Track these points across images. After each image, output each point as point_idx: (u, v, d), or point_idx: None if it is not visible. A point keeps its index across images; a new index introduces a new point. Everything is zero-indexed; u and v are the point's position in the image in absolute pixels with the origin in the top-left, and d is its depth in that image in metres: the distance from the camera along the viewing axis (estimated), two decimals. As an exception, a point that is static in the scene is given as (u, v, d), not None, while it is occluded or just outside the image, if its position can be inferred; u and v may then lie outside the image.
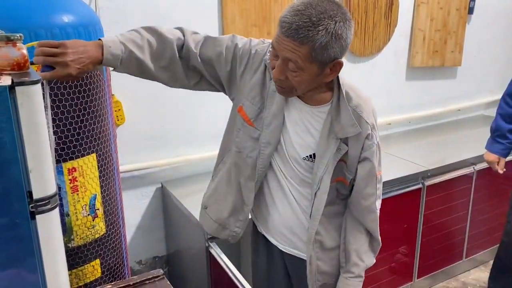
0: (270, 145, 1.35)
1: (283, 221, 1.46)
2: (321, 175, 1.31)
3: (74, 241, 1.51)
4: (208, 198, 1.57)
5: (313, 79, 1.18)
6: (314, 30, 1.07)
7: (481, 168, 2.67)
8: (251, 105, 1.34)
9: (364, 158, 1.32)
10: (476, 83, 3.50)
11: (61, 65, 1.08)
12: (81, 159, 1.48)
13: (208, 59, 1.32)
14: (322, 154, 1.30)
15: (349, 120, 1.25)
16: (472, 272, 2.92)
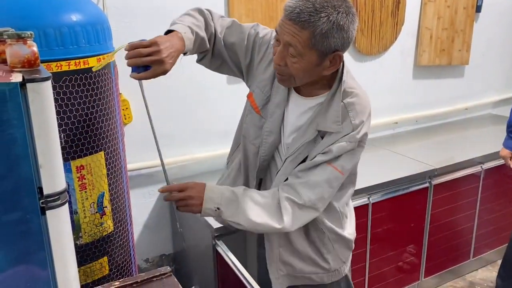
0: (272, 134, 1.35)
1: None
2: (286, 157, 1.31)
3: (82, 239, 1.52)
4: (220, 184, 1.56)
5: (311, 69, 1.18)
6: (316, 16, 1.09)
7: (489, 167, 2.65)
8: (261, 93, 1.36)
9: (327, 150, 1.25)
10: (484, 81, 3.48)
11: (157, 63, 1.13)
12: (89, 157, 1.49)
13: (231, 44, 1.35)
14: (297, 139, 1.30)
15: (335, 116, 1.24)
16: (479, 272, 2.91)
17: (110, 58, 1.32)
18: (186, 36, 1.21)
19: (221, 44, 1.35)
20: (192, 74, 2.26)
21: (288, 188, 1.28)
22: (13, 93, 0.68)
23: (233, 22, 1.37)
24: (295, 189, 1.26)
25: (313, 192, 1.26)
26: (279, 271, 1.45)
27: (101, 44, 1.49)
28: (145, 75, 1.15)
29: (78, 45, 1.40)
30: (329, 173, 1.26)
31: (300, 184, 1.26)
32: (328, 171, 1.26)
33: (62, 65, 1.37)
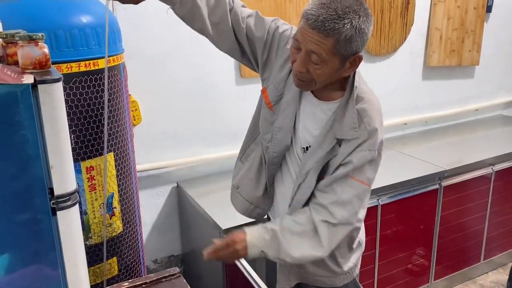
0: (282, 131, 1.35)
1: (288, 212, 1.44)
2: (309, 169, 1.30)
3: (92, 239, 1.53)
4: (240, 178, 1.53)
5: (333, 73, 1.19)
6: (340, 23, 1.09)
7: (500, 168, 2.62)
8: (275, 89, 1.35)
9: (348, 161, 1.25)
10: (494, 82, 3.44)
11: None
12: (99, 158, 1.50)
13: (252, 36, 1.34)
14: (315, 149, 1.29)
15: (351, 123, 1.24)
16: (490, 275, 2.87)
17: None
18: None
19: (243, 33, 1.33)
20: (200, 76, 2.27)
21: (321, 209, 1.28)
22: (24, 95, 0.68)
23: (256, 13, 1.35)
24: (328, 209, 1.27)
25: (346, 209, 1.26)
26: (290, 271, 1.46)
27: (111, 46, 1.50)
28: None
29: (88, 46, 1.41)
30: (357, 188, 1.27)
31: (331, 204, 1.26)
32: (356, 186, 1.26)
33: (72, 67, 1.38)
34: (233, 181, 1.58)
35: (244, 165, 1.54)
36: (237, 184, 1.55)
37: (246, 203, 1.52)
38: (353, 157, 1.24)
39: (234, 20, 1.32)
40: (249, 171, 1.51)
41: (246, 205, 1.52)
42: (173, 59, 2.19)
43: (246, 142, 1.54)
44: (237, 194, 1.55)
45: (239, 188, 1.54)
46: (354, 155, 1.24)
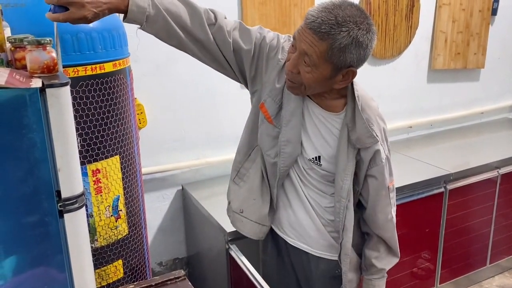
0: (290, 143, 1.33)
1: (297, 222, 1.46)
2: (348, 187, 1.32)
3: (98, 242, 1.54)
4: (242, 201, 1.49)
5: (323, 81, 1.18)
6: (337, 30, 1.08)
7: (506, 172, 2.61)
8: (273, 102, 1.32)
9: (371, 175, 1.33)
10: (500, 85, 3.43)
11: (76, 6, 0.99)
12: (105, 161, 1.51)
13: (239, 49, 1.28)
14: (344, 167, 1.30)
15: (366, 131, 1.25)
16: (496, 279, 2.86)
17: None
18: (134, 1, 1.09)
19: (229, 48, 1.27)
20: (205, 79, 2.28)
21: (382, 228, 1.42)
22: (33, 98, 0.69)
23: (240, 25, 1.30)
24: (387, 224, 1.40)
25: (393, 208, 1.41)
26: None
27: (117, 50, 1.51)
28: (57, 16, 0.99)
29: (95, 50, 1.42)
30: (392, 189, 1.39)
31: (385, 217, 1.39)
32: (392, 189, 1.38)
33: (79, 70, 1.39)
34: (232, 206, 1.54)
35: (240, 186, 1.50)
36: (240, 208, 1.50)
37: (255, 225, 1.49)
38: (375, 173, 1.32)
39: (218, 35, 1.25)
40: (251, 191, 1.47)
41: (255, 228, 1.49)
42: (178, 63, 2.20)
43: (238, 161, 1.50)
44: (242, 219, 1.50)
45: (244, 211, 1.49)
46: (375, 170, 1.32)
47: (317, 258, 1.48)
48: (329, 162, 1.34)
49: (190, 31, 1.22)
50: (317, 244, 1.46)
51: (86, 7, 1.00)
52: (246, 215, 1.49)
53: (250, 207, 1.48)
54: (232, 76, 1.37)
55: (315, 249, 1.47)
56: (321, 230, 1.44)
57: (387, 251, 1.45)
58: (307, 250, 1.48)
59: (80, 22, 1.04)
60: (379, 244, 1.43)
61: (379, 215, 1.38)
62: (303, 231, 1.46)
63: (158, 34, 1.21)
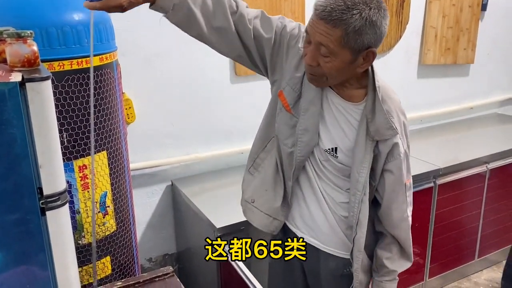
0: (308, 132, 1.31)
1: (310, 216, 1.45)
2: (364, 180, 1.29)
3: (85, 238, 1.52)
4: (254, 190, 1.48)
5: (345, 67, 1.16)
6: (348, 14, 1.06)
7: (495, 166, 2.63)
8: (292, 91, 1.31)
9: (388, 169, 1.30)
10: (489, 80, 3.45)
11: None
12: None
13: (259, 38, 1.28)
14: (362, 159, 1.28)
15: (385, 123, 1.23)
16: (484, 272, 2.89)
17: None
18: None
19: (250, 36, 1.27)
20: (195, 74, 2.26)
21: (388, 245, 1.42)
22: (12, 93, 0.67)
23: (262, 13, 1.30)
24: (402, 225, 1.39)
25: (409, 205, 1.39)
26: None
27: (104, 43, 1.49)
28: (96, 4, 1.06)
29: (81, 44, 1.39)
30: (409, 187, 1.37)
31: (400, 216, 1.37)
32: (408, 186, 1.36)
33: (65, 65, 1.37)
34: (244, 195, 1.53)
35: (255, 176, 1.49)
36: (252, 197, 1.49)
37: (265, 217, 1.47)
38: (392, 167, 1.29)
39: (239, 23, 1.26)
40: (263, 182, 1.46)
41: (265, 219, 1.47)
42: (168, 57, 2.17)
43: (254, 152, 1.49)
44: (253, 209, 1.49)
45: (255, 201, 1.48)
46: (392, 164, 1.29)
47: (327, 255, 1.46)
48: (346, 155, 1.31)
49: (212, 19, 1.23)
50: (329, 240, 1.44)
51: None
52: (257, 205, 1.48)
53: (261, 197, 1.47)
54: (253, 67, 1.37)
55: (326, 245, 1.45)
56: (334, 226, 1.42)
57: (400, 253, 1.43)
58: (318, 246, 1.46)
59: (115, 10, 1.09)
60: (392, 244, 1.41)
61: (395, 213, 1.35)
62: (315, 226, 1.44)
63: (179, 22, 1.23)
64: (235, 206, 2.03)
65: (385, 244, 1.41)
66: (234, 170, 2.46)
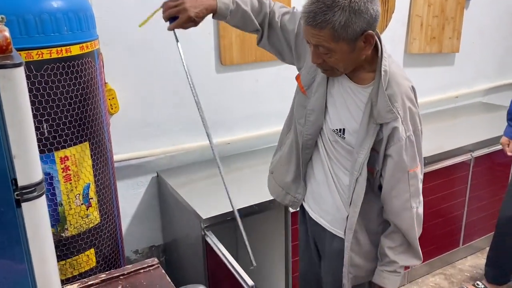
0: (314, 112, 1.40)
1: (318, 193, 1.51)
2: (362, 161, 1.32)
3: (68, 231, 1.50)
4: (275, 164, 1.64)
5: (348, 57, 1.22)
6: (330, 13, 1.13)
7: (479, 155, 2.66)
8: (307, 74, 1.42)
9: (389, 154, 1.31)
10: (474, 69, 3.47)
11: (181, 12, 1.30)
12: (73, 148, 1.46)
13: (286, 30, 1.44)
14: (362, 140, 1.31)
15: (386, 106, 1.26)
16: (469, 259, 2.93)
17: (151, 16, 1.43)
18: (221, 1, 1.35)
19: (277, 27, 1.44)
20: (180, 63, 2.22)
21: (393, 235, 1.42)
22: (-17, 81, 0.64)
23: (292, 10, 1.47)
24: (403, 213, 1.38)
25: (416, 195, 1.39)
26: (348, 274, 1.46)
27: (84, 32, 1.45)
28: (173, 25, 1.34)
29: (60, 32, 1.36)
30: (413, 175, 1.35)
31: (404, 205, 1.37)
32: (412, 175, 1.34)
33: (43, 53, 1.33)
34: (269, 167, 1.69)
35: (278, 153, 1.64)
36: (272, 169, 1.66)
37: (278, 188, 1.62)
38: (392, 152, 1.30)
39: (272, 18, 1.45)
40: (281, 157, 1.61)
41: (278, 190, 1.62)
42: (152, 47, 2.14)
43: (284, 131, 1.62)
44: (271, 179, 1.66)
45: (273, 173, 1.65)
46: (392, 148, 1.30)
47: (333, 236, 1.49)
48: (353, 137, 1.35)
49: (257, 18, 1.43)
50: (335, 221, 1.48)
51: (188, 10, 1.30)
52: (274, 177, 1.64)
53: (277, 171, 1.62)
54: (290, 58, 1.51)
55: (332, 226, 1.49)
56: (340, 208, 1.44)
57: (405, 246, 1.41)
58: (325, 226, 1.51)
59: (189, 25, 1.34)
60: (395, 234, 1.40)
61: (394, 200, 1.36)
62: (324, 207, 1.50)
63: (237, 24, 1.44)
64: (221, 197, 2.01)
65: (388, 233, 1.42)
66: (221, 160, 2.43)
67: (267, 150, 2.57)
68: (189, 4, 1.31)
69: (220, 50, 2.29)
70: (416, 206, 1.38)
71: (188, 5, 1.30)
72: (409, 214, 1.37)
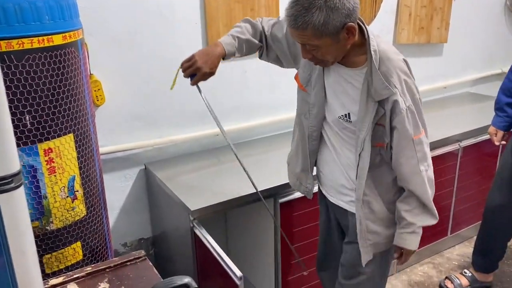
0: (316, 106, 1.51)
1: (332, 178, 1.61)
2: (363, 137, 1.40)
3: (53, 224, 1.48)
4: (289, 156, 1.77)
5: (334, 49, 1.30)
6: (308, 14, 1.21)
7: (467, 144, 2.67)
8: (303, 72, 1.53)
9: (393, 127, 1.39)
10: (462, 60, 3.48)
11: (197, 71, 1.50)
12: (57, 140, 1.43)
13: (277, 39, 1.59)
14: (363, 118, 1.39)
15: (381, 83, 1.32)
16: (457, 248, 2.96)
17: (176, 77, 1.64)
18: (225, 42, 1.53)
19: (270, 40, 1.61)
20: (167, 54, 2.20)
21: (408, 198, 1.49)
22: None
23: (278, 20, 1.61)
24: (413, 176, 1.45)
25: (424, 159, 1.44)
26: (367, 241, 1.54)
27: (67, 21, 1.42)
28: (194, 81, 1.54)
29: (41, 21, 1.32)
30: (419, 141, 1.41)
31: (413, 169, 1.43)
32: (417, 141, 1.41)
33: (24, 43, 1.30)
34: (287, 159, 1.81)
35: (291, 145, 1.76)
36: (288, 161, 1.79)
37: (294, 179, 1.76)
38: (396, 123, 1.37)
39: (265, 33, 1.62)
40: (292, 150, 1.74)
41: (294, 180, 1.76)
42: (138, 37, 2.10)
43: (294, 125, 1.71)
44: (288, 170, 1.80)
45: (289, 165, 1.78)
46: (395, 120, 1.37)
47: (353, 214, 1.56)
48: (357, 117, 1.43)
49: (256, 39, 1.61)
50: (352, 202, 1.56)
51: (201, 68, 1.50)
52: (289, 168, 1.78)
53: (291, 162, 1.76)
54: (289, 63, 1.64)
55: (350, 206, 1.58)
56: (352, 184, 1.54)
57: (421, 208, 1.49)
58: (344, 207, 1.60)
59: (207, 77, 1.54)
60: (409, 198, 1.48)
61: (404, 167, 1.43)
62: (340, 189, 1.59)
63: (245, 53, 1.61)
64: (210, 189, 2.01)
65: (404, 197, 1.50)
66: (209, 152, 2.43)
67: (256, 142, 2.56)
68: (201, 61, 1.49)
69: (207, 40, 2.26)
70: (425, 169, 1.45)
71: (200, 63, 1.49)
72: (420, 178, 1.44)
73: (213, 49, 1.51)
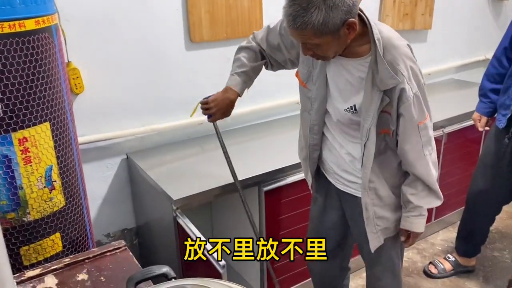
0: (317, 100, 1.51)
1: (338, 167, 1.61)
2: (368, 126, 1.40)
3: (30, 215, 1.44)
4: (300, 148, 1.77)
5: (335, 45, 1.28)
6: (307, 14, 1.17)
7: (450, 131, 2.68)
8: (303, 69, 1.53)
9: (400, 113, 1.38)
10: (446, 46, 3.49)
11: (213, 115, 1.66)
12: (32, 128, 1.39)
13: (276, 49, 1.62)
14: (367, 107, 1.38)
15: (387, 73, 1.31)
16: (440, 233, 2.99)
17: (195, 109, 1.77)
18: (233, 84, 1.63)
19: (270, 52, 1.64)
20: (148, 40, 2.15)
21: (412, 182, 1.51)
22: None
23: (268, 28, 1.61)
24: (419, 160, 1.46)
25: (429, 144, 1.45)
26: (376, 227, 1.57)
27: (39, 5, 1.36)
28: (209, 120, 1.69)
29: (12, 5, 1.27)
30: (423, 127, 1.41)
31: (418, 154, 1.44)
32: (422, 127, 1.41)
33: (-6, 28, 1.25)
34: None
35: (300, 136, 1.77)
36: (299, 154, 1.79)
37: (305, 168, 1.77)
38: (402, 110, 1.37)
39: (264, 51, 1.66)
40: (298, 145, 1.77)
41: (305, 170, 1.77)
42: (118, 23, 2.05)
43: (300, 124, 1.73)
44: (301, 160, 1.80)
45: (299, 155, 1.78)
46: (402, 108, 1.36)
47: (359, 199, 1.58)
48: None
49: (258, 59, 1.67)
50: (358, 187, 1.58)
51: (215, 113, 1.65)
52: (300, 158, 1.79)
53: (300, 156, 1.77)
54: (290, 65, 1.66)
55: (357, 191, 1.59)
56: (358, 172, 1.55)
57: (427, 190, 1.51)
58: (353, 193, 1.61)
59: (221, 117, 1.67)
60: (415, 182, 1.50)
61: (410, 153, 1.44)
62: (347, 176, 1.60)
63: (254, 78, 1.69)
64: (193, 178, 1.99)
65: (409, 181, 1.52)
66: (193, 141, 2.40)
67: (239, 130, 2.53)
68: (216, 108, 1.63)
69: (189, 26, 2.22)
70: (429, 153, 1.46)
71: (215, 109, 1.63)
72: (424, 162, 1.46)
73: (226, 97, 1.62)
